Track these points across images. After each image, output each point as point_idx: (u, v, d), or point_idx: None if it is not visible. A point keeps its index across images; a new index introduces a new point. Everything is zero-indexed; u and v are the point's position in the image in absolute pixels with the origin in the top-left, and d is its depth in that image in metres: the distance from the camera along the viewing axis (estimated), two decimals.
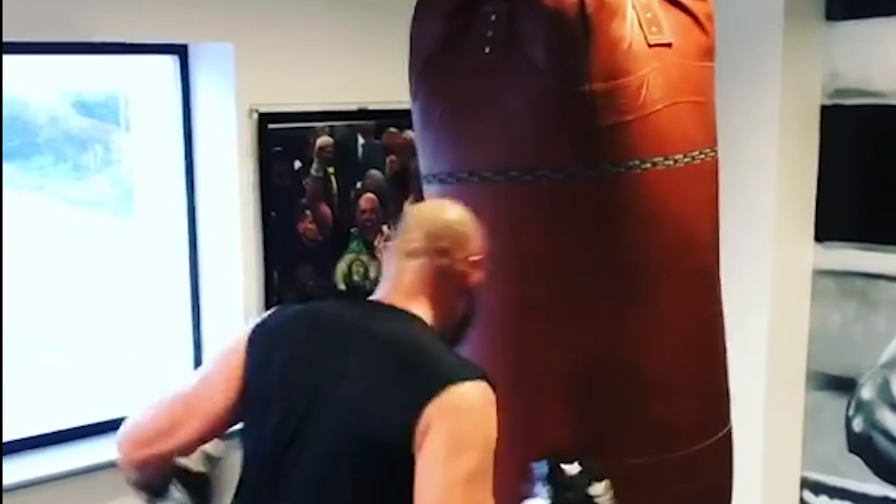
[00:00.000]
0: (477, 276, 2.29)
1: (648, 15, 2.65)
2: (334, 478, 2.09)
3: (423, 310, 2.23)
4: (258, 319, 2.32)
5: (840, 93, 4.17)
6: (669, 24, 2.68)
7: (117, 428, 3.73)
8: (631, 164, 2.62)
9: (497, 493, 2.04)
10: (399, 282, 2.26)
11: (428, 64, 2.75)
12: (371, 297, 2.31)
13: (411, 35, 2.82)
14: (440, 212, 2.33)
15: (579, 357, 2.67)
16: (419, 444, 2.00)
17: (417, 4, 2.82)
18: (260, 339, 2.25)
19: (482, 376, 2.08)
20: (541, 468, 2.38)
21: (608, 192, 2.64)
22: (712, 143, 2.87)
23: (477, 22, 2.67)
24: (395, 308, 2.22)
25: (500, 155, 2.67)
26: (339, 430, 2.09)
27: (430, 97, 2.78)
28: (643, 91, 2.62)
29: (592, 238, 2.65)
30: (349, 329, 2.20)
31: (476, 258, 2.29)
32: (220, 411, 2.24)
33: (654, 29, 2.64)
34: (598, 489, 2.32)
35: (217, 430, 2.28)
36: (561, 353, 2.67)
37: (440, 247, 2.25)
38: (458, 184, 2.71)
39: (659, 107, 2.65)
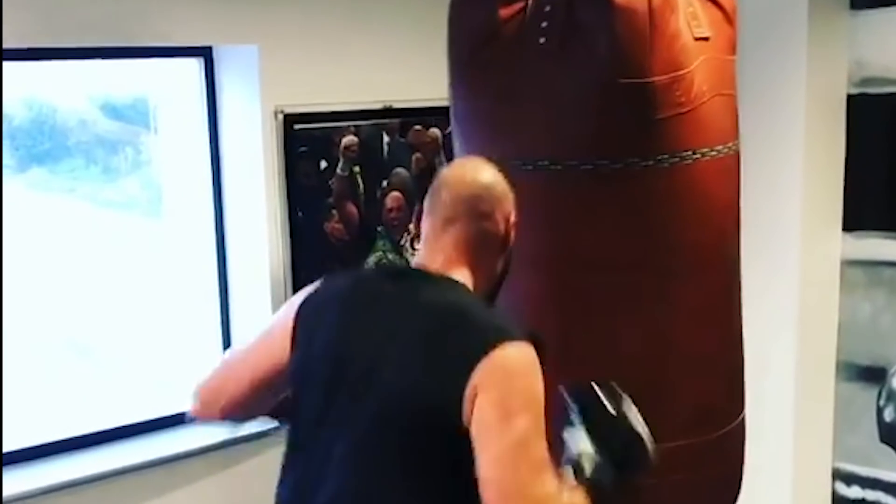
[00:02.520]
0: (514, 235, 2.30)
1: (690, 9, 2.71)
2: (381, 448, 2.10)
3: (463, 274, 2.22)
4: (307, 290, 2.34)
5: (866, 81, 4.15)
6: (706, 19, 2.73)
7: (147, 430, 3.83)
8: (684, 154, 2.69)
9: None
10: (438, 248, 2.25)
11: (475, 54, 2.75)
12: (412, 265, 2.34)
13: (452, 26, 2.81)
14: (474, 174, 2.30)
15: (630, 344, 2.71)
16: (468, 410, 2.01)
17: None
18: (308, 311, 2.28)
19: (525, 336, 2.09)
20: (572, 396, 2.33)
21: (663, 182, 2.68)
22: (738, 135, 2.91)
23: (530, 12, 2.67)
24: (437, 275, 2.22)
25: (557, 145, 2.68)
26: (387, 400, 2.10)
27: (478, 88, 2.77)
28: (694, 84, 2.68)
29: (647, 227, 2.69)
30: (392, 298, 2.21)
31: (513, 216, 2.28)
32: (269, 375, 2.30)
33: (695, 23, 2.69)
34: (629, 407, 2.29)
35: (263, 392, 2.34)
36: (616, 338, 2.71)
37: (479, 210, 2.24)
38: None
39: (705, 99, 2.71)
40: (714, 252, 2.82)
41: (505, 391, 2.02)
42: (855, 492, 4.33)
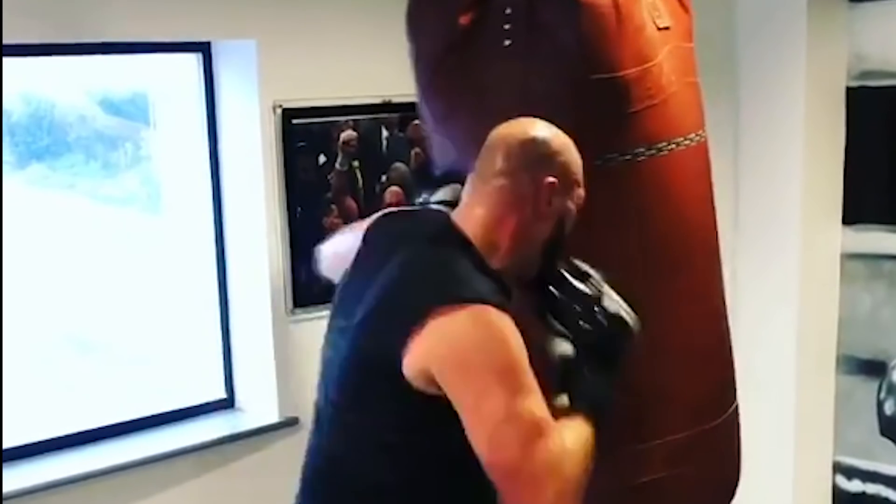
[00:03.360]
0: (560, 203, 2.18)
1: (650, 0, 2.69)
2: (344, 383, 2.14)
3: (481, 231, 2.14)
4: (379, 213, 2.40)
5: (865, 74, 4.14)
6: (665, 8, 2.72)
7: (145, 426, 3.83)
8: (660, 145, 2.66)
9: None
10: (468, 203, 2.20)
11: (440, 65, 2.71)
12: (433, 211, 2.34)
13: (413, 40, 2.78)
14: (517, 130, 2.21)
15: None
16: (424, 373, 1.97)
17: (413, 7, 2.79)
18: (367, 233, 2.31)
19: (485, 296, 2.00)
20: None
21: (642, 175, 2.66)
22: (704, 124, 2.90)
23: (490, 16, 2.64)
24: (438, 222, 2.19)
25: None
26: (349, 350, 2.12)
27: (446, 99, 2.74)
28: (663, 75, 2.66)
29: (631, 222, 2.67)
30: (388, 246, 2.19)
31: (549, 180, 2.16)
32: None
33: (656, 13, 2.67)
34: (598, 283, 2.23)
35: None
36: None
37: (507, 167, 2.16)
38: None
39: (673, 89, 2.69)
40: (697, 242, 2.80)
41: (464, 366, 1.96)
42: (855, 485, 4.33)
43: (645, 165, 2.65)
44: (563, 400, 2.13)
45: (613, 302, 2.23)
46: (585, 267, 2.25)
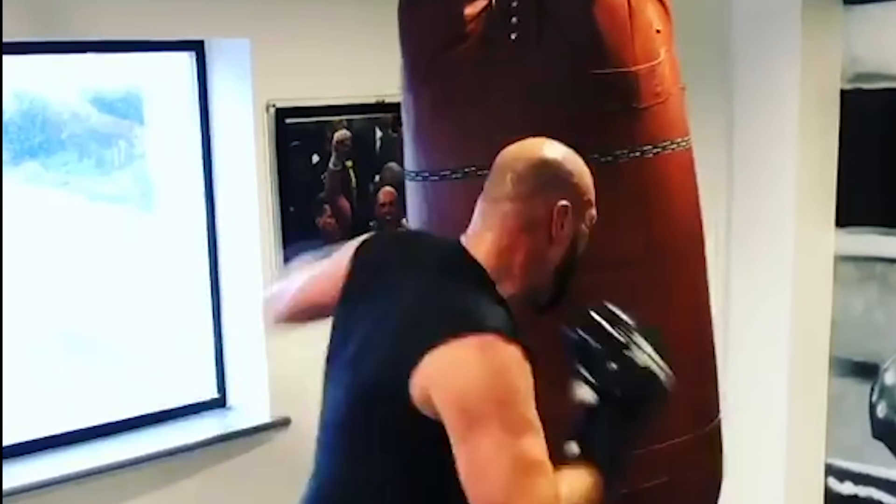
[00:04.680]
0: (572, 226, 2.11)
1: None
2: (344, 425, 2.09)
3: (493, 258, 2.08)
4: (366, 236, 2.33)
5: (860, 77, 4.14)
6: (655, 12, 2.72)
7: (142, 424, 3.83)
8: (664, 144, 2.68)
9: None
10: (476, 229, 2.12)
11: (437, 59, 2.68)
12: (434, 236, 2.30)
13: (407, 31, 2.74)
14: (528, 152, 2.14)
15: None
16: (427, 402, 1.91)
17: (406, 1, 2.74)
18: (354, 259, 2.24)
19: (493, 325, 1.93)
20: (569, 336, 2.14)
21: (648, 173, 2.67)
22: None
23: (497, 8, 2.62)
24: (453, 248, 2.11)
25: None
26: (353, 376, 2.06)
27: (442, 94, 2.70)
28: (665, 75, 2.68)
29: (637, 220, 2.66)
30: (394, 272, 2.14)
31: (562, 203, 2.09)
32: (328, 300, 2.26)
33: (654, 15, 2.69)
34: (633, 333, 2.09)
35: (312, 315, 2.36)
36: None
37: (519, 192, 2.09)
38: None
39: (672, 91, 2.71)
40: (692, 244, 2.81)
41: (463, 396, 1.88)
42: (847, 487, 4.32)
43: (651, 163, 2.66)
44: (573, 448, 2.03)
45: (643, 352, 2.10)
46: (617, 311, 2.14)
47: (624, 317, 2.13)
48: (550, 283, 2.15)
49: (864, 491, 4.27)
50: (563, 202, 2.10)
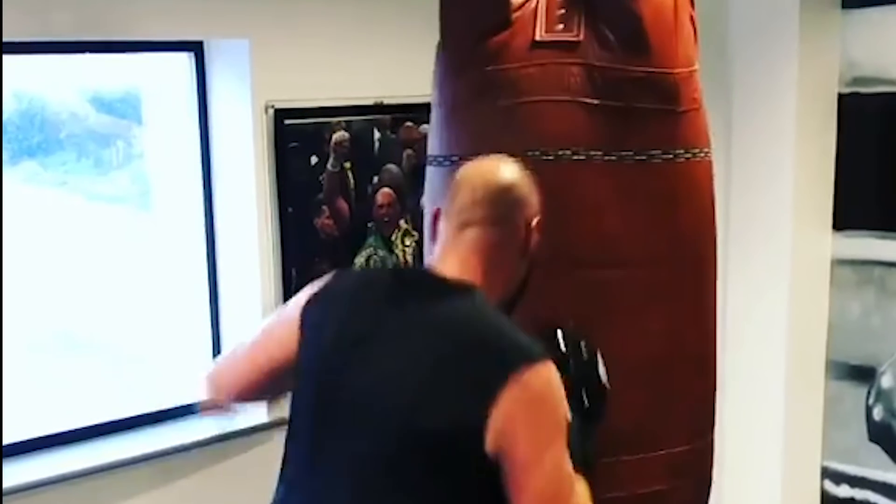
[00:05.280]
0: (536, 238, 2.18)
1: None
2: (383, 466, 2.00)
3: (479, 281, 2.10)
4: (315, 287, 2.23)
5: (857, 81, 4.15)
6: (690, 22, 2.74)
7: (140, 423, 3.83)
8: (695, 151, 2.69)
9: None
10: (454, 252, 2.14)
11: (481, 47, 2.63)
12: (425, 268, 2.23)
13: (451, 17, 2.69)
14: (494, 175, 2.18)
15: (651, 341, 2.67)
16: (493, 438, 1.92)
17: None
18: (313, 312, 2.18)
19: (545, 352, 2.01)
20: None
21: (678, 176, 2.67)
22: None
23: (542, 3, 2.62)
24: (452, 282, 2.10)
25: (574, 134, 2.60)
26: (396, 417, 1.99)
27: (485, 83, 2.64)
28: (699, 83, 2.70)
29: (662, 223, 2.66)
30: (405, 308, 2.10)
31: (535, 220, 2.17)
32: (278, 365, 2.21)
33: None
34: (591, 350, 2.22)
35: (273, 381, 2.26)
36: (635, 338, 2.65)
37: (497, 214, 2.14)
38: (521, 164, 2.57)
39: (701, 99, 2.73)
40: (708, 253, 2.81)
41: (537, 423, 1.95)
42: (844, 490, 4.33)
43: (682, 168, 2.67)
44: None
45: (603, 368, 2.24)
46: (577, 330, 2.25)
47: (582, 337, 2.25)
48: (509, 298, 2.19)
49: (860, 494, 4.28)
50: (535, 219, 2.18)
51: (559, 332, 2.21)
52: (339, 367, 2.10)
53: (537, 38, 2.61)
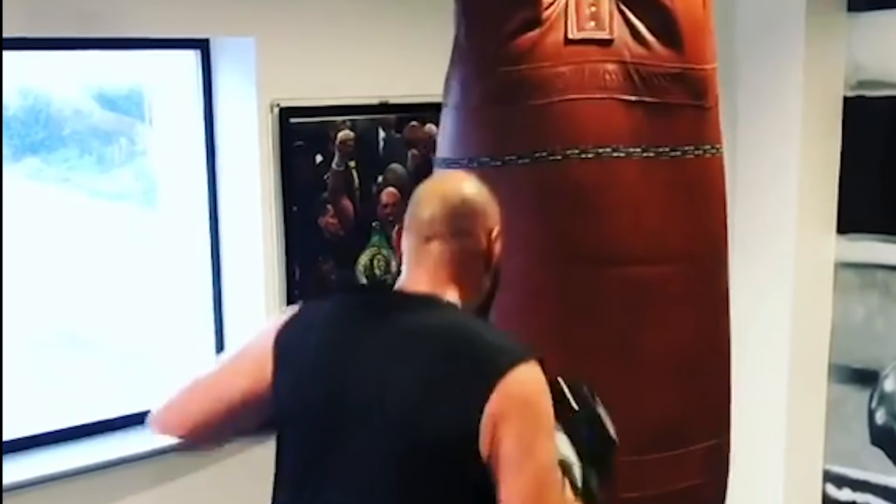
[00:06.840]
0: (499, 249, 2.19)
1: None
2: (387, 481, 2.01)
3: (451, 294, 2.13)
4: (284, 317, 2.22)
5: (863, 84, 4.15)
6: None
7: (138, 422, 3.81)
8: (718, 147, 2.72)
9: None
10: (421, 268, 2.15)
11: (511, 41, 2.62)
12: (396, 288, 2.21)
13: (474, 16, 2.68)
14: (454, 188, 2.20)
15: (687, 336, 2.69)
16: (487, 440, 1.95)
17: None
18: (290, 337, 2.16)
19: (531, 352, 2.03)
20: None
21: (707, 172, 2.71)
22: None
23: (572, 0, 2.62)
24: (427, 296, 2.12)
25: (613, 132, 2.62)
26: (391, 431, 2.01)
27: (512, 83, 2.64)
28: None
29: (695, 218, 2.69)
30: (386, 323, 2.11)
31: (497, 230, 2.18)
32: (245, 398, 2.17)
33: None
34: (599, 405, 2.23)
35: (237, 416, 2.21)
36: (673, 333, 2.68)
37: (458, 227, 2.15)
38: (560, 162, 2.62)
39: None
40: (725, 249, 2.84)
41: (524, 421, 1.97)
42: (846, 494, 4.33)
43: (710, 163, 2.71)
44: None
45: (608, 419, 2.24)
46: (584, 386, 2.25)
47: (585, 386, 2.25)
48: (479, 308, 2.21)
49: (862, 498, 4.28)
50: (496, 230, 2.19)
51: (565, 387, 2.20)
52: (331, 385, 2.10)
53: (570, 36, 2.61)
